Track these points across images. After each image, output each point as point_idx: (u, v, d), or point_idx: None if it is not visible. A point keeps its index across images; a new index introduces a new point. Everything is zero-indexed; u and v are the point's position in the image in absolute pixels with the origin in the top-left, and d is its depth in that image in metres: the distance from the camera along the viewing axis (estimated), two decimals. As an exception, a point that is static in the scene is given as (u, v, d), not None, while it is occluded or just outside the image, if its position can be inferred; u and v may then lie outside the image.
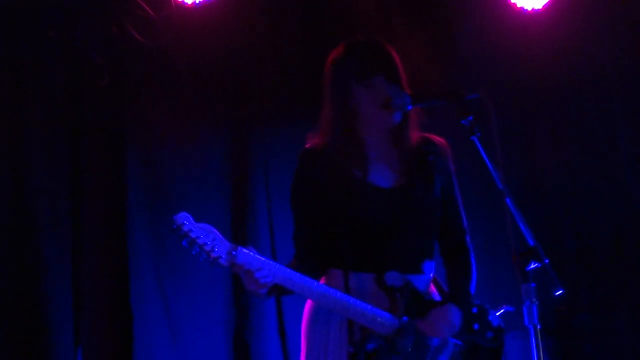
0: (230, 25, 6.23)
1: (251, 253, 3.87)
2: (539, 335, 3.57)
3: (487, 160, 3.77)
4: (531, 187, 6.64)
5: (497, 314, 4.24)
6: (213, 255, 3.80)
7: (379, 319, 4.01)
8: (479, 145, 3.80)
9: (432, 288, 4.31)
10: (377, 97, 4.13)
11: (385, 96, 4.11)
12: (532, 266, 3.58)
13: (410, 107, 4.08)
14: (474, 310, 4.21)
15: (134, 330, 5.88)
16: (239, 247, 3.85)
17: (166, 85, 6.14)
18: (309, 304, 4.24)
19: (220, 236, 3.85)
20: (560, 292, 3.62)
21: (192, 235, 3.79)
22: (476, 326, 4.19)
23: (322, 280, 4.16)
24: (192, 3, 6.10)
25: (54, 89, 5.92)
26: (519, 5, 6.56)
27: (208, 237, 3.81)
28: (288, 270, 3.95)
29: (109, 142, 6.04)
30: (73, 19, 5.96)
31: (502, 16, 6.66)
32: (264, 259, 3.89)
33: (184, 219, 3.82)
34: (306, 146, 4.24)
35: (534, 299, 3.56)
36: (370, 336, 4.01)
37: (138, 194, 6.03)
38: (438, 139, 4.38)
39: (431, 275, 4.31)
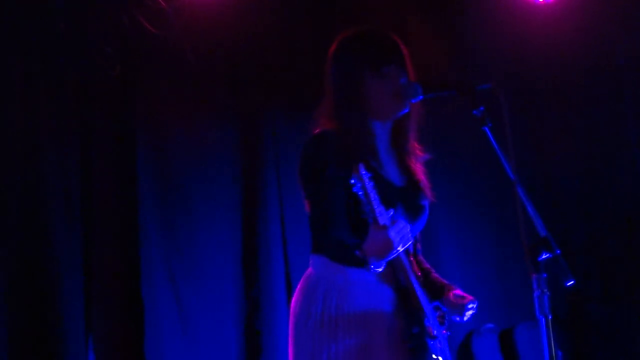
0: (241, 15, 6.24)
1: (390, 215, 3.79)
2: (550, 326, 3.57)
3: (498, 151, 3.76)
4: (542, 177, 6.64)
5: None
6: (377, 210, 3.70)
7: (427, 306, 4.02)
8: (490, 135, 3.79)
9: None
10: (390, 86, 4.09)
11: (398, 85, 4.08)
12: (544, 256, 3.58)
13: (421, 97, 4.07)
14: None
15: (145, 320, 5.89)
16: (391, 210, 3.81)
17: (177, 75, 6.15)
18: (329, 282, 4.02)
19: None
20: (572, 282, 3.62)
21: (368, 187, 3.67)
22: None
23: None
24: (203, -7, 6.12)
25: (64, 80, 5.92)
26: (529, -3, 6.57)
27: (374, 193, 3.70)
28: None
29: (119, 133, 6.05)
30: (83, 10, 5.97)
31: (513, 7, 6.66)
32: (404, 222, 3.85)
33: (367, 173, 3.68)
34: (317, 131, 4.10)
35: (545, 290, 3.55)
36: (422, 319, 3.97)
37: (149, 184, 6.04)
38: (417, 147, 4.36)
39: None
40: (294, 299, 4.09)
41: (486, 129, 3.81)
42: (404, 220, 3.83)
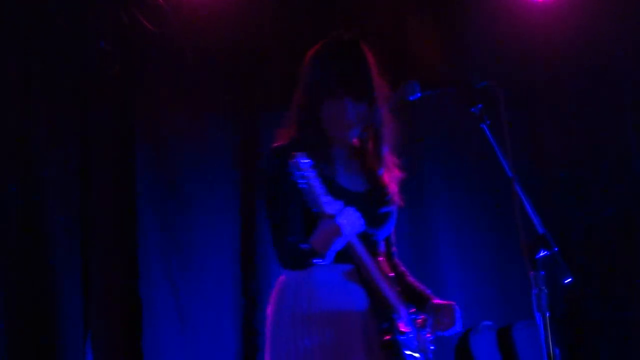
0: (240, 12, 6.24)
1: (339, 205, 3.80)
2: (548, 323, 3.57)
3: (496, 148, 3.76)
4: (540, 174, 6.63)
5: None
6: (323, 200, 3.71)
7: (397, 302, 4.03)
8: (488, 133, 3.80)
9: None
10: (342, 118, 4.09)
11: (351, 117, 4.09)
12: (541, 254, 3.58)
13: (419, 95, 4.06)
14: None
15: (143, 318, 5.89)
16: (338, 201, 3.80)
17: (176, 73, 6.15)
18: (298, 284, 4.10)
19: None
20: (570, 280, 3.62)
21: (310, 178, 3.67)
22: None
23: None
24: (202, -9, 6.12)
25: (63, 78, 5.92)
26: (528, -5, 6.57)
27: (318, 184, 3.71)
28: None
29: (118, 131, 6.04)
30: (82, 8, 5.97)
31: (512, 5, 6.65)
32: (353, 209, 3.85)
33: (307, 164, 3.67)
34: (274, 145, 4.15)
35: (543, 287, 3.56)
36: (395, 319, 4.00)
37: (148, 182, 6.04)
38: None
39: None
40: (268, 305, 4.13)
41: (484, 126, 3.81)
42: (353, 208, 3.82)
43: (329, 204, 3.74)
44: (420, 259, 6.47)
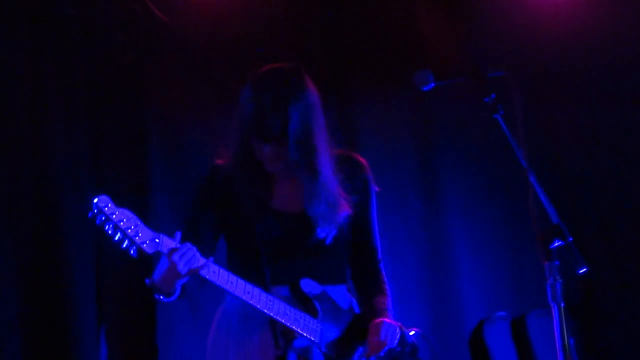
0: (251, 2, 6.23)
1: (174, 240, 3.76)
2: (563, 313, 3.56)
3: (510, 138, 3.75)
4: (554, 164, 6.61)
5: (411, 333, 4.23)
6: (137, 241, 3.64)
7: (302, 320, 4.00)
8: (502, 123, 3.78)
9: (354, 303, 4.30)
10: (262, 156, 4.05)
11: (269, 157, 4.04)
12: (556, 244, 3.58)
13: (433, 85, 4.05)
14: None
15: (157, 310, 5.90)
16: (162, 234, 3.73)
17: (188, 63, 6.14)
18: (220, 310, 4.23)
19: (142, 223, 3.70)
20: (584, 269, 3.61)
21: (114, 219, 3.63)
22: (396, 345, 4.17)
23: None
24: (214, -19, 6.11)
25: (75, 68, 5.93)
26: (542, -16, 6.54)
27: (130, 222, 3.65)
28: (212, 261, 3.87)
29: (130, 121, 6.05)
30: (94, -3, 5.98)
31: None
32: (188, 244, 3.77)
33: (105, 203, 3.67)
34: (216, 162, 4.19)
35: (558, 277, 3.55)
36: (295, 337, 3.99)
37: (160, 172, 6.05)
38: (356, 160, 4.30)
39: (345, 284, 4.29)
40: None
41: (498, 116, 3.80)
42: (188, 244, 3.76)
43: (151, 243, 3.69)
44: (433, 250, 6.47)
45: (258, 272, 4.04)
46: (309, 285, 4.06)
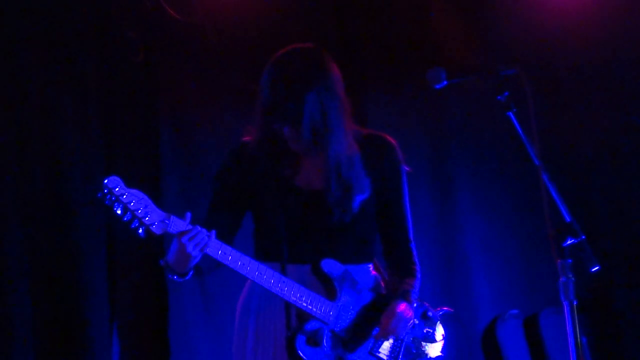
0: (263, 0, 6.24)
1: (185, 221, 3.80)
2: (575, 312, 3.56)
3: (523, 136, 3.74)
4: (566, 162, 6.60)
5: (436, 313, 4.23)
6: (146, 222, 3.70)
7: (317, 302, 4.01)
8: (515, 121, 3.78)
9: (376, 276, 4.29)
10: (288, 136, 4.05)
11: (291, 138, 4.05)
12: (568, 242, 3.57)
13: (445, 83, 4.04)
14: (416, 306, 4.18)
15: (169, 306, 5.91)
16: (172, 215, 3.77)
17: (200, 61, 6.15)
18: (245, 288, 4.24)
19: (153, 204, 3.75)
20: (597, 268, 3.61)
21: (124, 199, 3.68)
22: (416, 320, 4.18)
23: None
24: (225, -22, 6.11)
25: (87, 66, 5.93)
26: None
27: (140, 203, 3.71)
28: (222, 242, 3.90)
29: (142, 118, 6.06)
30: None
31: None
32: (198, 227, 3.81)
33: (115, 183, 3.70)
34: (242, 139, 4.23)
35: (570, 275, 3.55)
36: (308, 319, 4.00)
37: (172, 169, 6.06)
38: (383, 140, 4.27)
39: (371, 267, 4.27)
40: None
41: (511, 114, 3.79)
42: (198, 227, 3.81)
43: (158, 223, 3.74)
44: (446, 248, 6.47)
45: (278, 250, 4.07)
46: (330, 266, 4.05)
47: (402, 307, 4.09)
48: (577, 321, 3.55)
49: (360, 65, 6.52)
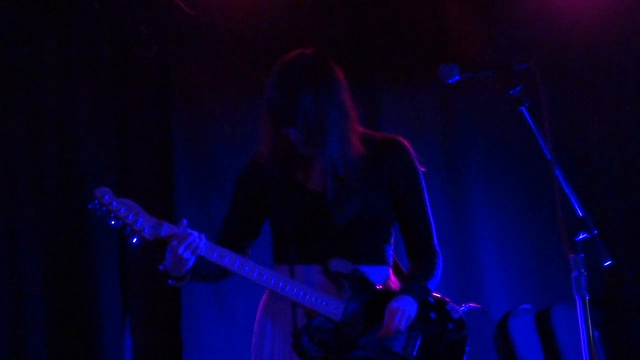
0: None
1: (177, 226, 3.86)
2: (588, 306, 3.56)
3: (535, 131, 3.74)
4: (579, 157, 6.59)
5: (461, 309, 4.20)
6: (136, 228, 3.80)
7: (323, 301, 4.02)
8: (527, 115, 3.78)
9: (392, 279, 4.26)
10: (294, 139, 4.07)
11: (296, 141, 4.06)
12: (581, 237, 3.57)
13: (458, 77, 4.04)
14: (431, 299, 4.14)
15: (182, 300, 5.92)
16: (164, 222, 3.85)
17: (212, 56, 6.16)
18: (266, 291, 4.24)
19: (143, 211, 3.84)
20: (609, 262, 3.61)
21: (113, 207, 3.80)
22: (433, 315, 4.14)
23: None
24: (238, -27, 6.12)
25: (99, 61, 5.95)
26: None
27: (130, 210, 3.82)
28: (218, 246, 3.96)
29: (155, 113, 6.07)
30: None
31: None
32: (189, 230, 3.87)
33: (103, 193, 3.83)
34: (256, 150, 4.26)
35: (583, 270, 3.55)
36: (315, 316, 4.01)
37: (185, 165, 6.07)
38: (394, 142, 4.24)
39: (386, 266, 4.24)
40: None
41: (523, 109, 3.79)
42: (188, 230, 3.87)
43: (151, 230, 3.84)
44: (458, 243, 6.46)
45: (288, 252, 4.11)
46: (339, 265, 4.06)
47: (405, 301, 4.06)
48: (589, 316, 3.55)
49: (372, 62, 6.52)
